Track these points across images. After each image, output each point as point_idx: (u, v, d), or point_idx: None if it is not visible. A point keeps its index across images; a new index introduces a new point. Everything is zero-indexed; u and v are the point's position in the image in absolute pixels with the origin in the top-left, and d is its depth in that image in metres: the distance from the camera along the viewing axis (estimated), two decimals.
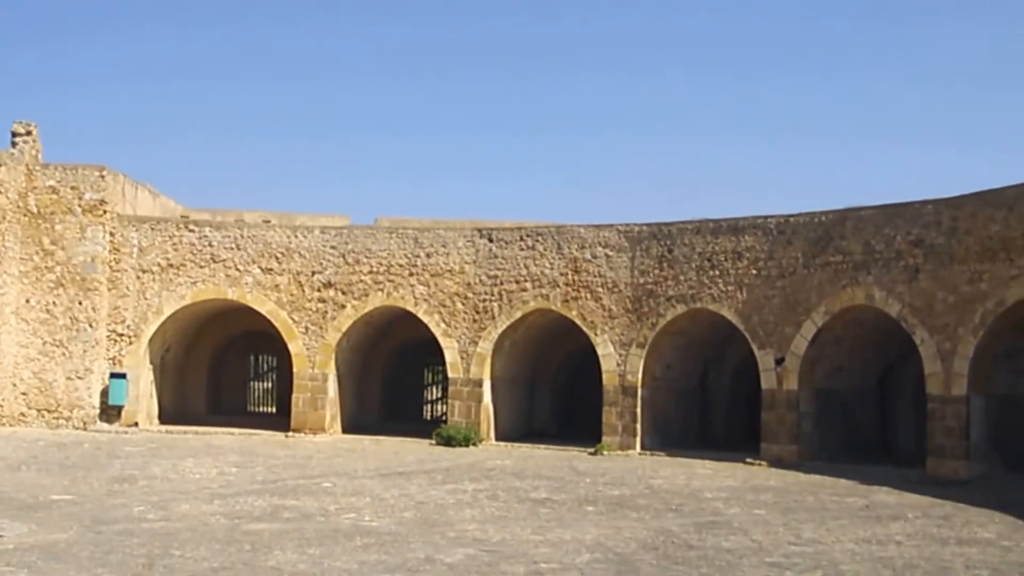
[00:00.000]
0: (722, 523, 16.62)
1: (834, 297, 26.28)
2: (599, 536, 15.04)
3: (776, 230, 27.56)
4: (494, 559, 13.05)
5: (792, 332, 27.00)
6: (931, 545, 14.90)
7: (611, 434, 29.50)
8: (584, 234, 30.50)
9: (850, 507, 18.88)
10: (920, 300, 24.63)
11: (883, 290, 25.34)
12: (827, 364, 27.54)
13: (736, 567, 12.89)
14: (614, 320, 29.85)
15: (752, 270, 27.81)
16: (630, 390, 29.50)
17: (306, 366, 32.19)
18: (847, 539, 15.27)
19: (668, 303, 29.10)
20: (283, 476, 21.87)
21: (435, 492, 19.88)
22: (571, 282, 30.37)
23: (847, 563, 13.33)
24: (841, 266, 26.19)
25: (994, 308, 22.99)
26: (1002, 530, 16.37)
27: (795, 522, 16.87)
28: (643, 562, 13.09)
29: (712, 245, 28.52)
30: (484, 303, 31.25)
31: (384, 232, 32.57)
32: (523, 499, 19.13)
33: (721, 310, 28.31)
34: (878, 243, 25.56)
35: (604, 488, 21.08)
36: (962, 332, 23.66)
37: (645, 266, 29.53)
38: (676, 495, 20.18)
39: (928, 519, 17.47)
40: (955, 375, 23.72)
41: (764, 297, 27.59)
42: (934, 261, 24.45)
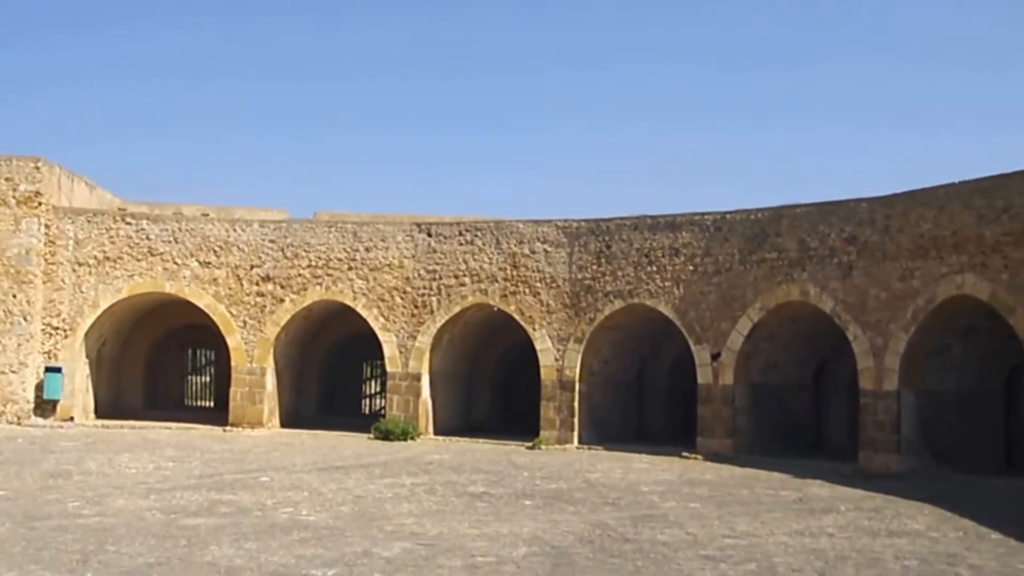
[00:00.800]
0: (658, 516, 16.77)
1: (769, 293, 26.62)
2: (536, 530, 15.13)
3: (713, 227, 27.84)
4: (431, 553, 13.11)
5: (728, 328, 27.31)
6: (862, 537, 15.12)
7: (549, 428, 29.66)
8: (523, 229, 30.62)
9: (784, 500, 19.11)
10: (853, 297, 25.01)
11: (817, 287, 25.70)
12: (762, 359, 27.87)
13: (671, 560, 13.02)
14: (552, 315, 30.01)
15: (689, 266, 28.07)
16: (568, 385, 29.67)
17: (244, 360, 32.06)
18: (780, 532, 15.45)
19: (606, 298, 29.30)
20: (220, 470, 21.78)
21: (373, 486, 19.90)
22: (510, 277, 30.49)
23: (780, 555, 13.50)
24: (776, 263, 26.52)
25: (925, 305, 23.41)
26: (931, 522, 16.65)
27: (730, 515, 17.05)
28: (579, 555, 13.20)
29: (650, 241, 28.75)
30: (423, 298, 31.28)
31: (323, 226, 32.51)
32: (461, 493, 19.20)
33: (658, 306, 28.55)
34: (813, 240, 25.91)
35: (542, 482, 21.19)
36: (894, 328, 24.06)
37: (583, 262, 29.71)
38: (613, 489, 20.33)
39: (860, 512, 17.73)
40: (887, 371, 24.13)
41: (701, 293, 27.87)
42: (867, 258, 24.83)
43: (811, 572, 12.43)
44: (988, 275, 22.18)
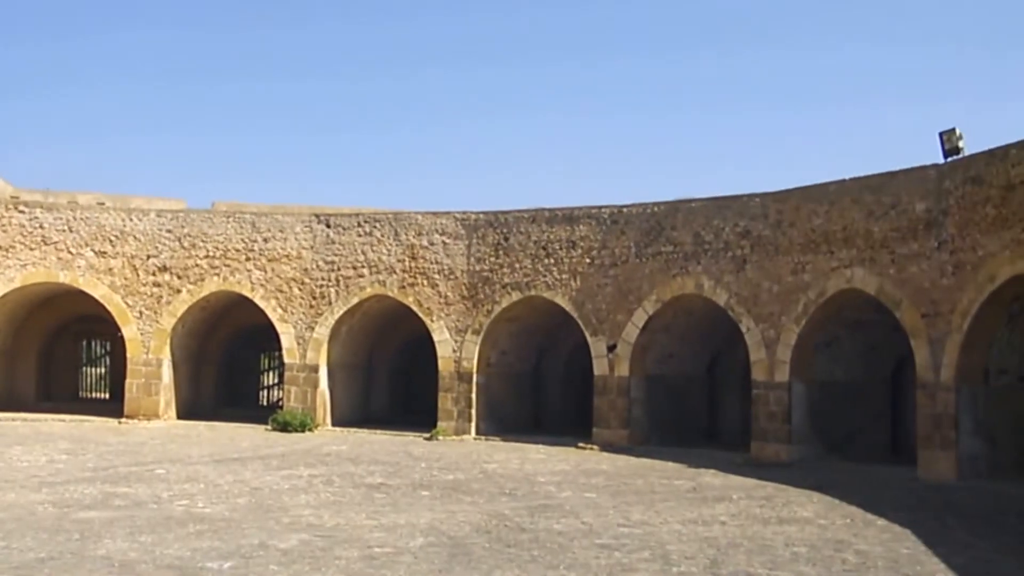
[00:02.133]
0: (554, 506, 16.97)
1: (665, 286, 26.99)
2: (433, 520, 15.24)
3: (609, 220, 28.13)
4: (328, 544, 13.15)
5: (624, 320, 27.64)
6: (753, 525, 15.45)
7: (447, 419, 29.76)
8: (421, 221, 30.64)
9: (678, 489, 19.43)
10: (747, 290, 25.48)
11: (712, 280, 26.13)
12: (658, 351, 28.24)
13: (567, 549, 13.20)
14: (450, 307, 30.10)
15: (586, 259, 28.34)
16: (465, 376, 29.80)
17: (140, 351, 31.67)
18: (674, 520, 15.72)
19: (503, 290, 29.47)
20: (115, 463, 21.55)
21: (270, 478, 19.84)
22: (408, 268, 30.50)
23: (673, 543, 13.75)
24: (672, 256, 26.90)
25: (815, 298, 23.96)
26: (820, 509, 17.06)
27: (625, 504, 17.30)
28: (476, 545, 13.33)
29: (547, 234, 28.97)
30: (321, 289, 31.17)
31: (221, 216, 32.23)
32: (358, 484, 19.23)
33: (555, 298, 28.78)
34: (707, 234, 26.33)
35: (439, 473, 21.30)
36: (785, 321, 24.59)
37: (481, 253, 29.83)
38: (510, 479, 20.51)
39: (751, 500, 18.09)
40: (778, 362, 24.66)
41: (597, 285, 28.15)
42: (760, 252, 25.31)
43: (703, 559, 12.68)
44: (876, 270, 22.77)
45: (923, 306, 21.78)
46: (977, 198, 20.74)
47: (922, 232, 21.98)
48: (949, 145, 22.12)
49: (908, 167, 22.61)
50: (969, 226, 20.89)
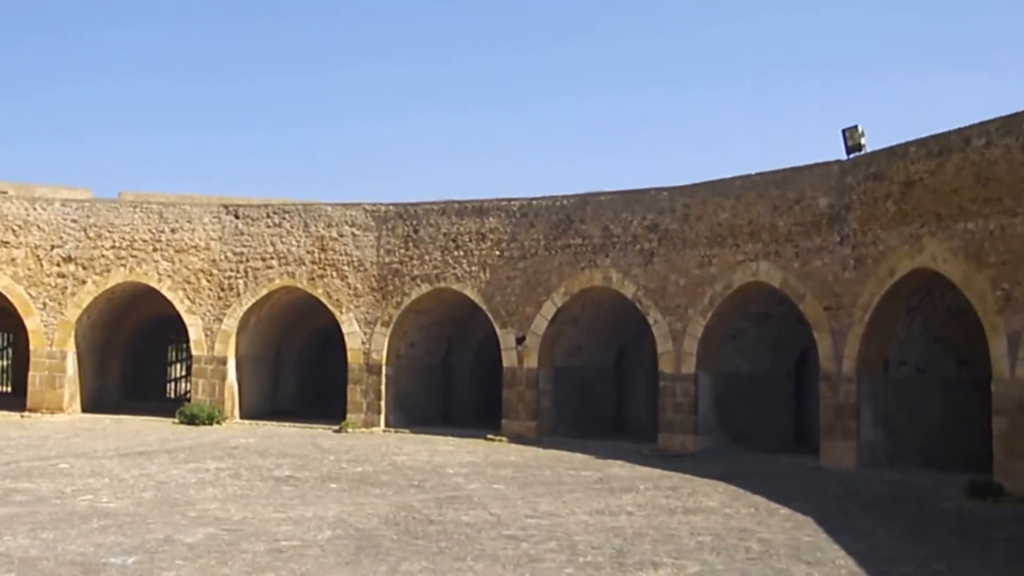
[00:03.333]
0: (462, 498, 17.03)
1: (573, 279, 27.19)
2: (341, 513, 15.23)
3: (519, 213, 28.25)
4: (235, 538, 13.08)
5: (533, 312, 27.79)
6: (659, 515, 15.63)
7: (356, 411, 29.69)
8: (331, 212, 30.52)
9: (585, 480, 19.59)
10: (654, 282, 25.76)
11: (620, 272, 26.37)
12: (566, 343, 28.45)
13: (474, 540, 13.27)
14: (360, 298, 30.02)
15: (495, 251, 28.44)
16: (375, 368, 29.75)
17: (44, 343, 31.17)
18: (581, 511, 15.86)
19: (413, 282, 29.46)
20: (17, 458, 21.20)
21: (176, 471, 19.66)
22: (317, 260, 30.37)
23: (580, 534, 13.88)
24: (581, 249, 27.09)
25: (722, 291, 24.32)
26: (724, 499, 17.31)
27: (532, 496, 17.42)
28: (384, 537, 13.35)
29: (457, 226, 29.01)
30: (229, 280, 30.92)
31: (128, 206, 31.80)
32: (266, 477, 19.14)
33: (465, 290, 28.85)
34: (616, 227, 26.57)
35: (348, 465, 21.27)
36: (692, 313, 24.91)
37: (391, 245, 29.79)
38: (418, 471, 20.53)
39: (658, 490, 18.30)
40: (685, 354, 24.98)
41: (506, 278, 28.27)
42: (668, 245, 25.61)
43: (610, 549, 12.82)
44: (781, 263, 23.17)
45: (826, 299, 22.21)
46: (878, 194, 21.19)
47: (825, 227, 22.41)
48: (852, 142, 22.55)
49: (812, 163, 23.06)
50: (870, 221, 21.33)
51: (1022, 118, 17.94)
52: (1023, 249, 17.68)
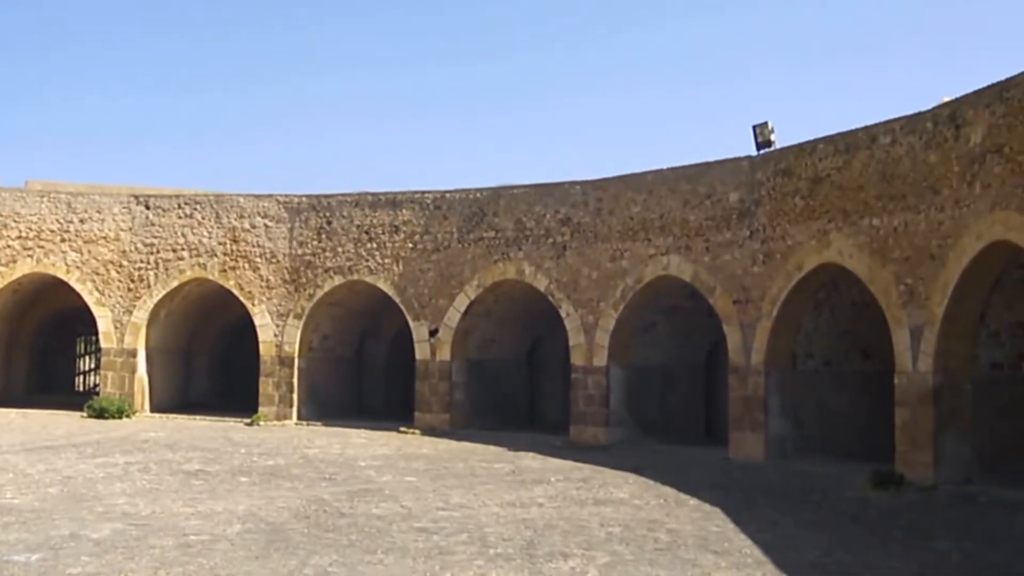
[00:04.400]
0: (374, 491, 17.04)
1: (486, 271, 27.27)
2: (252, 506, 15.16)
3: (433, 205, 28.26)
4: (143, 533, 12.97)
5: (446, 304, 27.83)
6: (570, 506, 15.77)
7: (268, 404, 29.53)
8: (244, 203, 30.28)
9: (497, 472, 19.68)
10: (567, 275, 25.93)
11: (533, 265, 26.50)
12: (479, 336, 28.52)
13: (385, 533, 13.29)
14: (272, 290, 29.83)
15: (409, 243, 28.42)
16: (287, 360, 29.60)
17: None
18: (493, 503, 15.94)
19: (326, 274, 29.35)
20: None
21: (84, 466, 19.42)
22: (229, 252, 30.12)
23: (492, 525, 13.96)
24: (494, 242, 27.18)
25: (633, 284, 24.56)
26: (635, 490, 17.50)
27: (444, 488, 17.47)
28: (295, 531, 13.32)
29: (370, 218, 28.94)
30: (140, 271, 30.54)
31: (34, 196, 31.26)
32: (176, 471, 18.98)
33: (378, 282, 28.79)
34: (529, 220, 26.69)
35: (259, 458, 21.16)
36: (604, 306, 25.12)
37: (304, 237, 29.64)
38: (330, 464, 20.49)
39: (569, 482, 18.45)
40: (597, 347, 25.18)
41: (420, 270, 28.27)
42: (580, 239, 25.78)
43: (520, 541, 12.91)
44: (691, 257, 23.45)
45: (735, 293, 22.53)
46: (787, 190, 21.53)
47: (735, 221, 22.72)
48: (762, 138, 22.88)
49: (723, 158, 23.36)
50: (779, 216, 21.67)
51: (926, 117, 18.32)
52: (926, 245, 18.07)
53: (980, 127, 16.89)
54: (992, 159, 16.51)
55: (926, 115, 18.36)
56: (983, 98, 16.90)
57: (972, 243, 16.93)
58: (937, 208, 17.82)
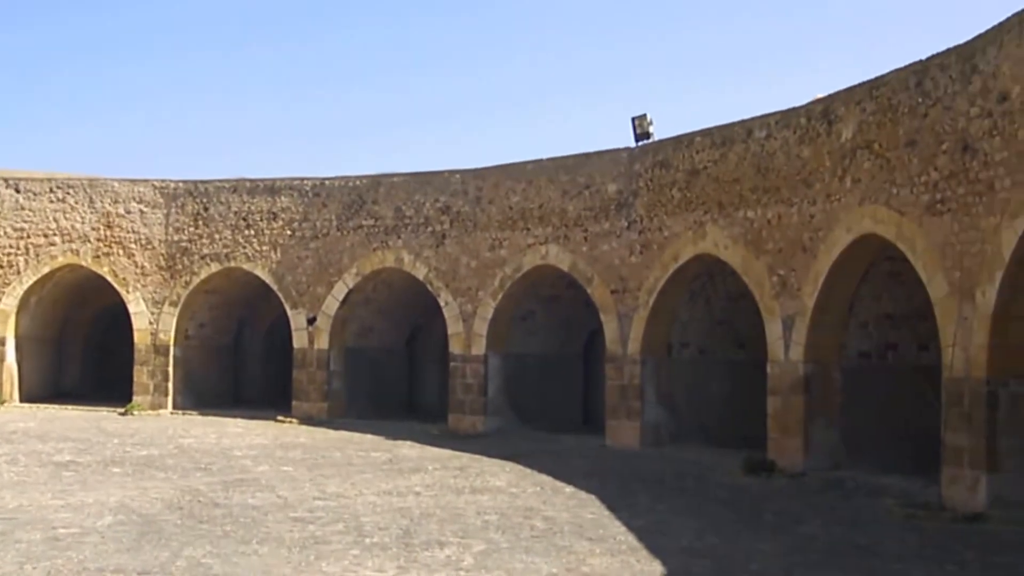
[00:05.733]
0: (250, 480, 16.90)
1: (365, 259, 27.19)
2: (124, 498, 14.92)
3: (312, 192, 28.08)
4: (9, 527, 12.65)
5: (324, 293, 27.70)
6: (447, 495, 15.81)
7: (143, 393, 29.07)
8: (118, 188, 29.70)
9: (374, 461, 19.65)
10: (446, 264, 25.97)
11: (412, 254, 26.49)
12: (358, 324, 28.42)
13: (260, 523, 13.18)
14: (147, 277, 29.35)
15: (287, 231, 28.20)
16: (162, 349, 29.16)
17: None
18: (369, 492, 15.92)
19: (203, 261, 28.97)
20: None
21: None
22: (103, 237, 29.53)
23: (368, 515, 13.93)
24: (373, 230, 27.11)
25: (512, 274, 24.71)
26: (512, 478, 17.61)
27: (321, 477, 17.40)
28: (167, 522, 13.15)
29: (248, 205, 28.65)
30: (9, 257, 29.76)
31: None
32: (45, 462, 18.59)
33: (255, 270, 28.53)
34: (408, 209, 26.67)
35: (132, 449, 20.83)
36: (482, 295, 25.22)
37: (180, 223, 29.21)
38: (206, 454, 20.27)
39: (446, 470, 18.50)
40: (475, 336, 25.29)
41: (298, 258, 28.07)
42: (459, 228, 25.84)
43: (396, 530, 12.91)
44: (570, 247, 23.65)
45: (613, 283, 22.79)
46: (664, 181, 21.83)
47: (613, 212, 22.96)
48: (640, 130, 23.15)
49: (602, 149, 23.59)
50: (656, 208, 21.96)
51: (800, 113, 18.71)
52: (798, 237, 18.47)
53: (851, 123, 17.30)
54: (862, 155, 16.92)
55: (800, 110, 18.74)
56: (854, 95, 17.31)
57: (842, 236, 17.34)
58: (809, 201, 18.21)
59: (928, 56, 15.63)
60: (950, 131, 14.92)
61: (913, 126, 15.78)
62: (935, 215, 15.17)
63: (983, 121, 14.19)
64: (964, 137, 14.59)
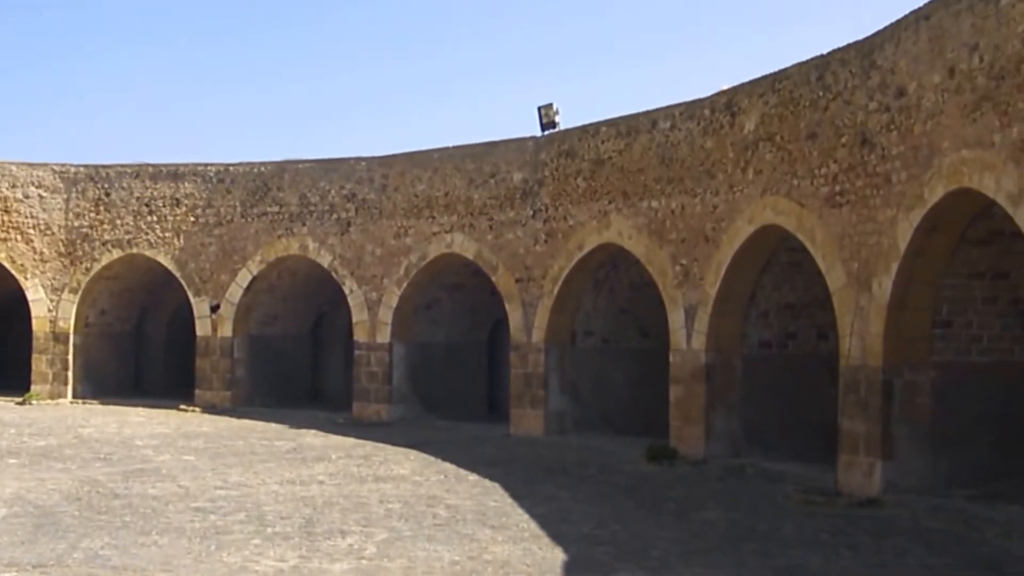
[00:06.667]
0: (150, 470, 16.71)
1: (270, 246, 26.99)
2: (20, 489, 14.67)
3: (216, 178, 27.78)
4: None
5: (228, 280, 27.44)
6: (351, 484, 15.79)
7: (41, 382, 28.55)
8: (16, 172, 29.08)
9: (278, 450, 19.54)
10: (351, 252, 25.87)
11: (317, 241, 26.35)
12: (262, 311, 28.21)
13: (161, 514, 13.05)
14: (46, 264, 28.81)
15: (191, 217, 27.87)
16: (62, 337, 28.66)
17: None
18: (272, 481, 15.84)
19: (104, 248, 28.53)
20: None
21: None
22: (0, 223, 28.92)
23: (271, 504, 13.87)
24: (278, 216, 26.91)
25: (417, 261, 24.69)
26: (415, 467, 17.63)
27: (224, 466, 17.27)
28: (65, 514, 12.96)
29: (151, 190, 28.26)
30: None
31: None
32: None
33: (158, 256, 28.16)
34: (313, 196, 26.51)
35: (30, 439, 20.47)
36: (388, 283, 25.17)
37: (81, 209, 28.72)
38: (106, 443, 19.99)
39: (350, 459, 18.46)
40: (380, 324, 25.24)
41: (201, 244, 27.76)
42: (365, 215, 25.75)
43: (299, 519, 12.87)
44: (475, 235, 23.69)
45: (518, 271, 22.87)
46: (569, 170, 21.94)
47: (519, 201, 23.03)
48: (546, 119, 23.24)
49: (508, 138, 23.64)
50: (561, 197, 22.07)
51: (704, 104, 18.91)
52: (701, 227, 18.68)
53: (754, 115, 17.54)
54: (764, 146, 17.17)
55: (704, 102, 18.94)
56: (757, 88, 17.55)
57: (744, 226, 17.59)
58: (712, 192, 18.43)
59: (829, 51, 15.92)
60: (849, 125, 15.21)
61: (814, 119, 16.06)
62: (834, 207, 15.46)
63: (881, 115, 14.49)
64: (863, 131, 14.89)
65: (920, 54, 13.63)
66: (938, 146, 13.16)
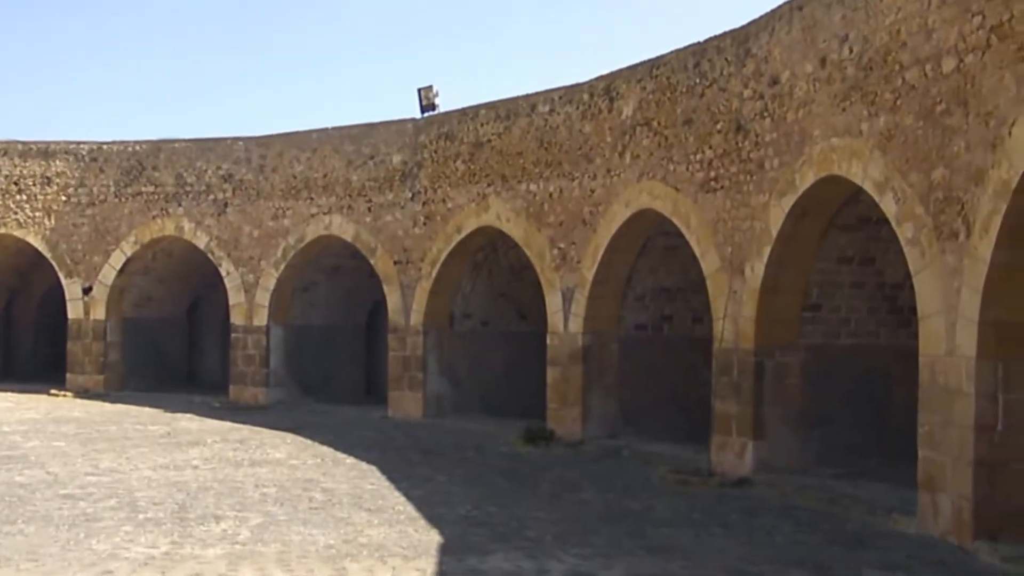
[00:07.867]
0: (18, 457, 16.31)
1: (145, 227, 26.55)
2: None
3: (88, 157, 27.22)
4: None
5: (101, 261, 26.94)
6: (226, 468, 15.60)
7: None
8: None
9: (152, 435, 19.23)
10: (228, 233, 25.57)
11: (193, 222, 25.99)
12: (136, 294, 27.76)
13: (28, 501, 12.74)
14: None
15: (62, 196, 27.28)
16: None
17: None
18: (145, 466, 15.58)
19: None
20: None
21: None
22: None
23: (143, 490, 13.63)
24: (153, 196, 26.48)
25: (295, 243, 24.51)
26: (292, 450, 17.50)
27: (95, 452, 16.94)
28: None
29: (20, 168, 27.56)
30: None
31: None
32: None
33: (27, 237, 27.51)
34: (190, 176, 26.15)
35: None
36: (265, 265, 24.95)
37: None
38: None
39: (226, 443, 18.25)
40: (257, 306, 25.01)
41: (73, 225, 27.19)
42: (242, 196, 25.48)
43: (172, 505, 12.66)
44: (354, 217, 23.59)
45: (396, 254, 22.84)
46: (449, 153, 21.94)
47: (398, 183, 22.98)
48: (426, 101, 23.21)
49: (387, 120, 23.56)
50: (441, 179, 22.06)
51: (583, 89, 19.03)
52: (579, 211, 18.82)
53: (632, 101, 17.70)
54: (641, 131, 17.34)
55: (583, 87, 19.06)
56: (636, 73, 17.71)
57: (621, 210, 17.76)
58: (590, 176, 18.57)
59: (706, 38, 16.13)
60: (724, 111, 15.44)
61: (690, 105, 16.26)
62: (709, 192, 15.69)
63: (755, 103, 14.73)
64: (737, 118, 15.12)
65: (793, 44, 13.88)
66: (809, 134, 13.43)
